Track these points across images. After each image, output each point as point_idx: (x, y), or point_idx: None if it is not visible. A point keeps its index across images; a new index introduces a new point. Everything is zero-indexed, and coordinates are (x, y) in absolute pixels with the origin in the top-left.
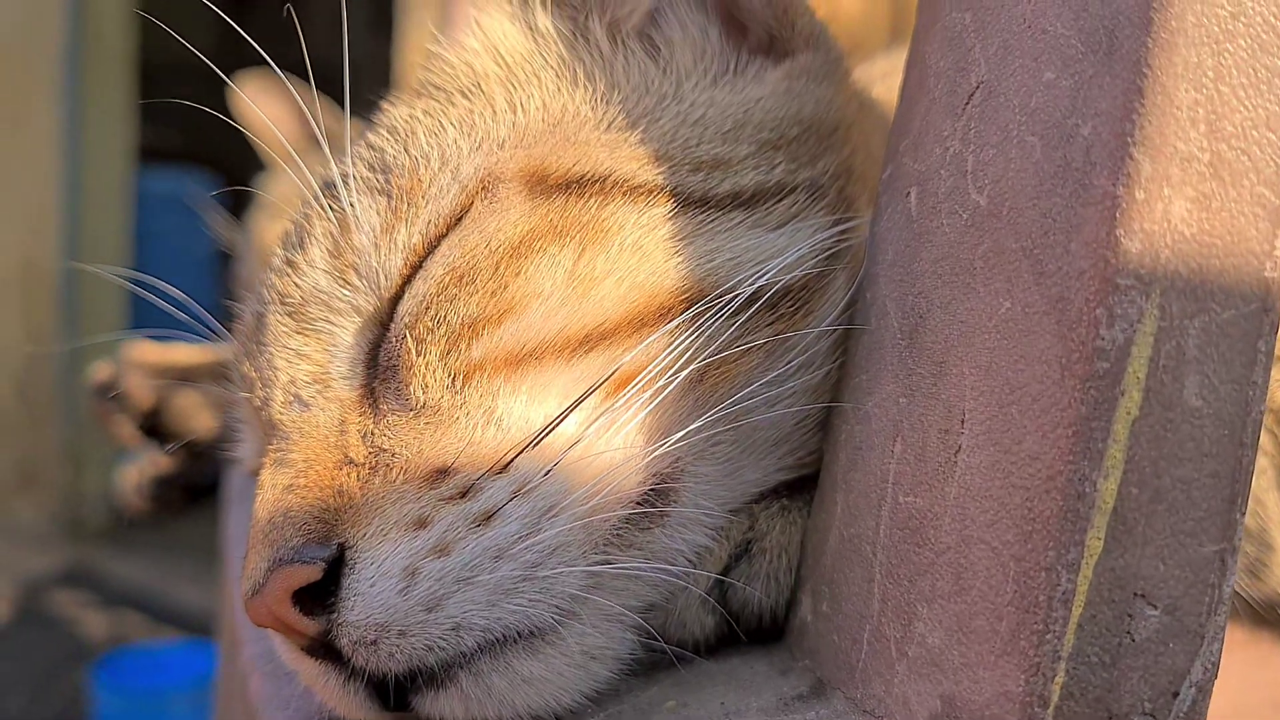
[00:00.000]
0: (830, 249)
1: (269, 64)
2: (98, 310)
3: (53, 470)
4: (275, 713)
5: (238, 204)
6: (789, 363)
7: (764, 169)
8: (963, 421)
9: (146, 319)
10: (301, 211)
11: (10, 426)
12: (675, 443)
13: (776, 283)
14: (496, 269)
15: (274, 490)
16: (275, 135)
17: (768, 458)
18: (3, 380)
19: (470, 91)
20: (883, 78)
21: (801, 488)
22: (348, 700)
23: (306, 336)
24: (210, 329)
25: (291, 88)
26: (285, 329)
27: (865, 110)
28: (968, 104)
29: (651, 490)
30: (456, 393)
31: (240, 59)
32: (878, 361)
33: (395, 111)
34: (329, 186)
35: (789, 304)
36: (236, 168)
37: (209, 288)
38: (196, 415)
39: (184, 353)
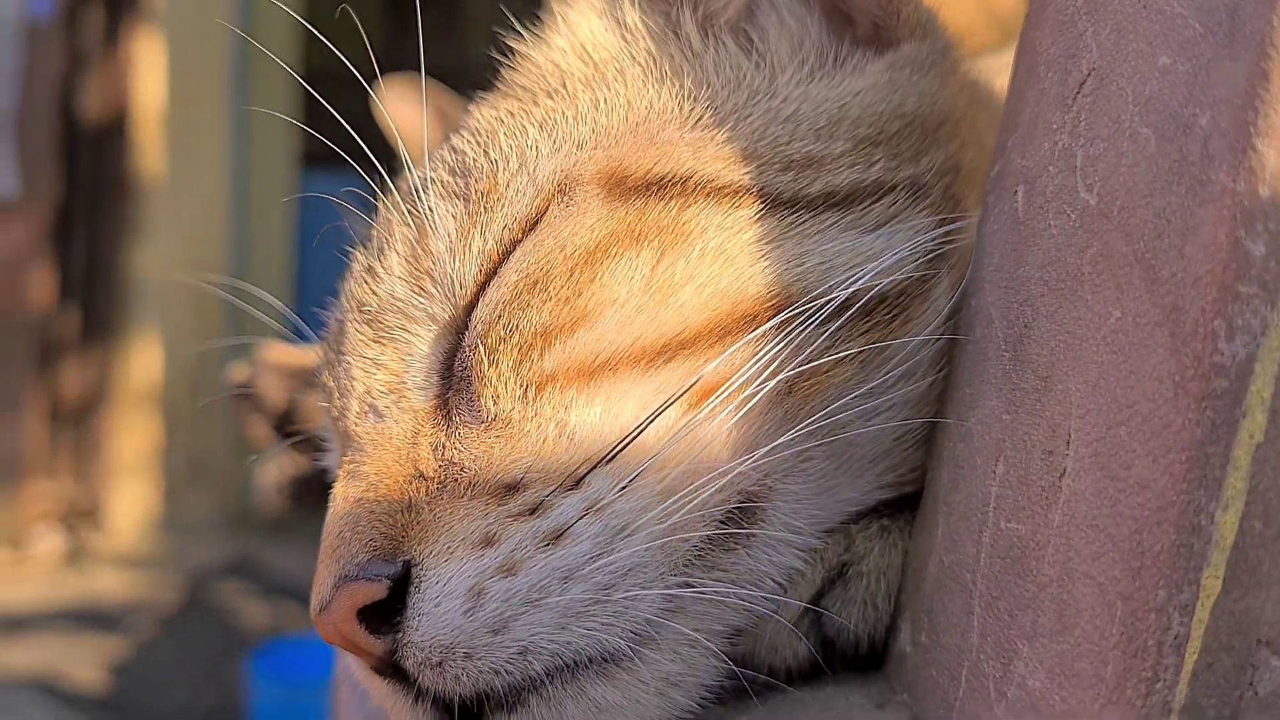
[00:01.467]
0: (933, 251)
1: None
2: (263, 308)
3: (220, 464)
4: None
5: None
6: (886, 374)
7: (860, 167)
8: (1068, 443)
9: (306, 319)
10: (383, 218)
11: (183, 422)
12: (761, 458)
13: (871, 288)
14: (571, 275)
15: (345, 503)
16: (412, 137)
17: (865, 475)
18: (176, 377)
19: (555, 92)
20: (1007, 69)
21: (904, 507)
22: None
23: (384, 345)
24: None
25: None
26: (363, 338)
27: (979, 103)
28: (1078, 93)
29: (736, 509)
30: (528, 404)
31: (401, 65)
32: (981, 374)
33: (480, 113)
34: (412, 192)
35: (885, 311)
36: (393, 171)
37: None
38: None
39: (316, 355)
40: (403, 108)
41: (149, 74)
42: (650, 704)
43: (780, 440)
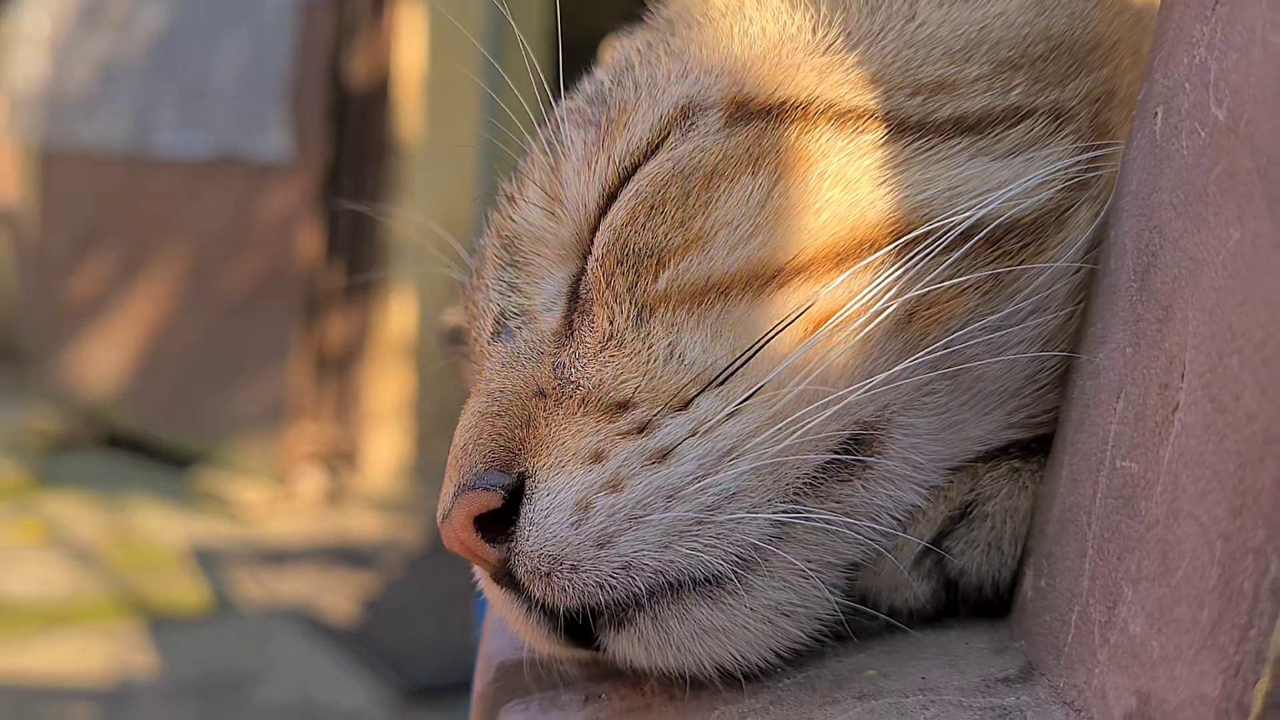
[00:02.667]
0: (1073, 180)
1: None
2: None
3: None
4: (493, 639)
5: None
6: (1017, 305)
7: (997, 91)
8: (1183, 375)
9: None
10: (529, 149)
11: (435, 373)
12: (877, 386)
13: (999, 216)
14: (686, 198)
15: (471, 417)
16: None
17: (994, 413)
18: (429, 331)
19: (695, 23)
20: None
21: (1038, 449)
22: (530, 630)
23: (518, 269)
24: None
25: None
26: (500, 261)
27: (1145, 28)
28: (1217, 3)
29: (853, 440)
30: (641, 325)
31: None
32: (1111, 306)
33: (623, 45)
34: (554, 123)
35: (1015, 240)
36: None
37: None
38: None
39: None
40: None
41: (411, 43)
42: (757, 630)
43: (898, 368)
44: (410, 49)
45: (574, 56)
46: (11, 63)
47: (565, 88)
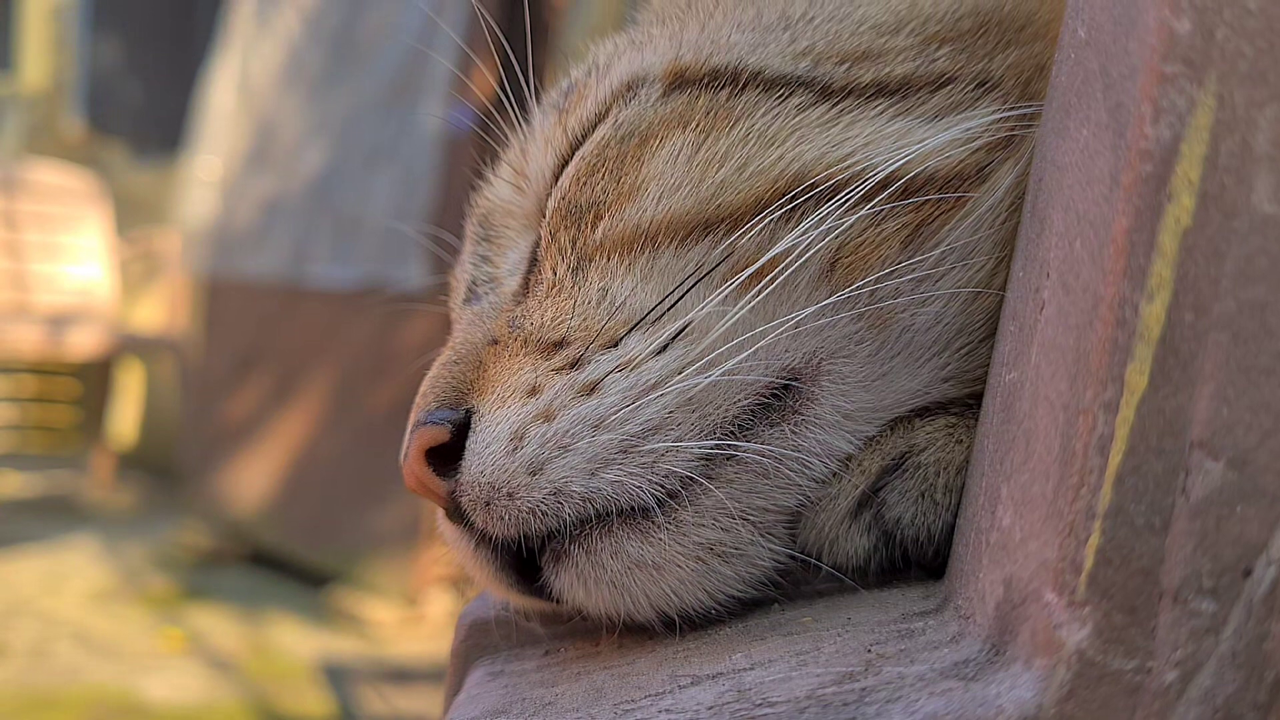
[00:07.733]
0: (997, 139)
1: None
2: None
3: None
4: (469, 607)
5: None
6: (940, 253)
7: (922, 61)
8: (1047, 275)
9: None
10: (509, 142)
11: None
12: (799, 325)
13: (915, 169)
14: (622, 157)
15: (435, 368)
16: None
17: (926, 365)
18: None
19: (661, 21)
20: None
21: (975, 406)
22: (480, 567)
23: (490, 243)
24: None
25: None
26: (475, 235)
27: None
28: None
29: (782, 386)
30: (579, 272)
31: None
32: (1019, 245)
33: (600, 45)
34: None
35: (933, 192)
36: None
37: None
38: None
39: None
40: None
41: None
42: (690, 569)
43: (816, 307)
44: None
45: None
46: (186, 203)
47: None
